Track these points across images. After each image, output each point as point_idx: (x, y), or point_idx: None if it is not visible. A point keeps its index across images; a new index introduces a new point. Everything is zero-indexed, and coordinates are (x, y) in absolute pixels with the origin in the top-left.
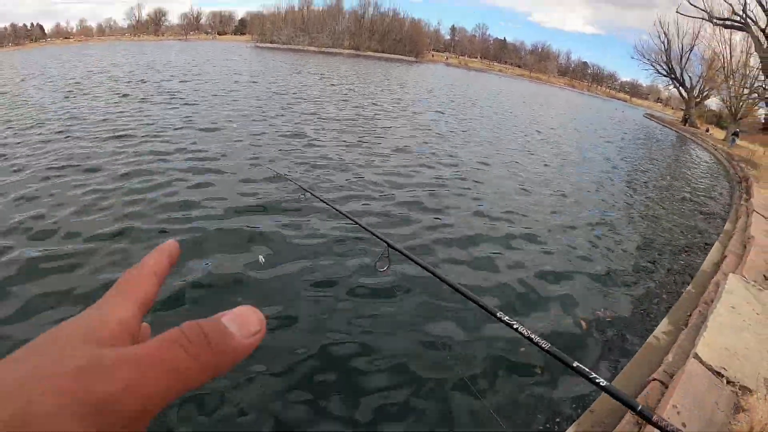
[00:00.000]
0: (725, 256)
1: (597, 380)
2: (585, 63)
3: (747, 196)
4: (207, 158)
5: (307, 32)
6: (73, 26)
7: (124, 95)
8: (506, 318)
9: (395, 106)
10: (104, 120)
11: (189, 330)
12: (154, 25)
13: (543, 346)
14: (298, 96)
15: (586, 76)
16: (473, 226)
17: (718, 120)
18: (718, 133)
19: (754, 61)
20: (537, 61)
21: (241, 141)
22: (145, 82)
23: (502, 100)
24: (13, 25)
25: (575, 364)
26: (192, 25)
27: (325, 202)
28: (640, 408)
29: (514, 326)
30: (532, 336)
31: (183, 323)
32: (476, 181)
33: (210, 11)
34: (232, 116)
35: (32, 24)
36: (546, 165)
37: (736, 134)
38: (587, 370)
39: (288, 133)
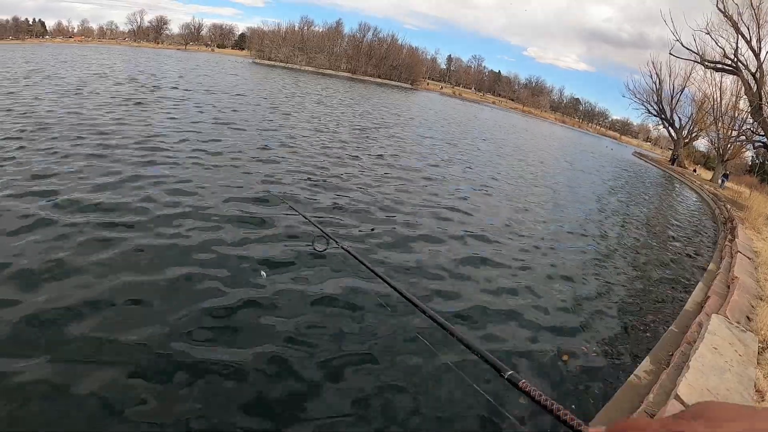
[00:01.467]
0: (708, 297)
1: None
2: (577, 99)
3: (731, 236)
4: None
5: (305, 52)
6: (75, 26)
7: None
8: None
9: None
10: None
11: None
12: (154, 33)
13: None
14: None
15: (578, 112)
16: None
17: (705, 160)
18: (706, 174)
19: (744, 104)
20: (530, 95)
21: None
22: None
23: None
24: (15, 19)
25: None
26: (192, 35)
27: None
28: (508, 374)
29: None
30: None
31: None
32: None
33: (211, 23)
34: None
35: (34, 20)
36: (533, 202)
37: (725, 176)
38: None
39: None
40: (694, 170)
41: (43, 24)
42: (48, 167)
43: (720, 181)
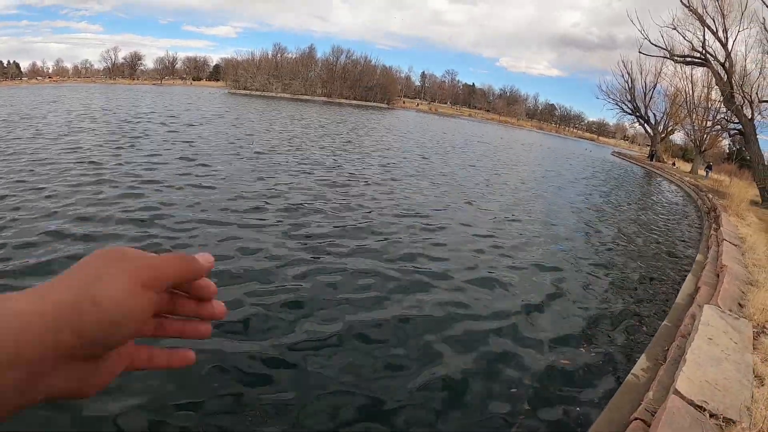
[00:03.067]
0: (699, 288)
1: None
2: (552, 105)
3: (716, 225)
4: None
5: (280, 79)
6: (50, 66)
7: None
8: None
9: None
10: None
11: (186, 256)
12: (129, 69)
13: None
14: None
15: (554, 118)
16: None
17: (683, 153)
18: (685, 166)
19: (716, 94)
20: (506, 105)
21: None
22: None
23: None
24: None
25: None
26: (167, 70)
27: None
28: None
29: None
30: None
31: (178, 254)
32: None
33: (185, 56)
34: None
35: (9, 62)
36: (519, 204)
37: (709, 167)
38: None
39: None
40: (673, 164)
41: (17, 66)
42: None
43: (705, 172)
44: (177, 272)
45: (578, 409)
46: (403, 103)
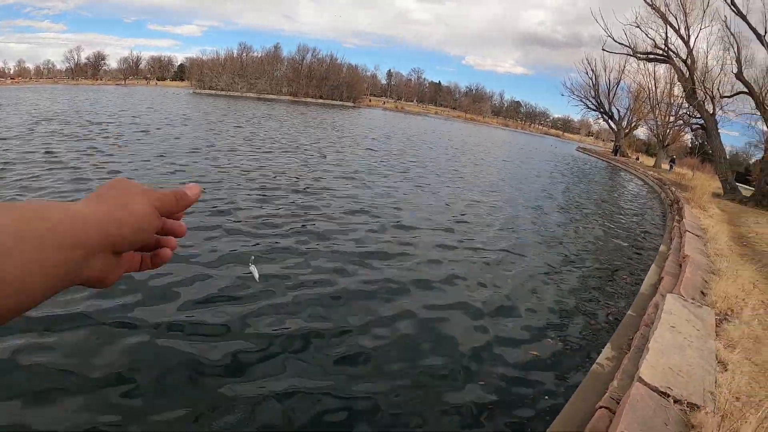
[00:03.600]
0: (662, 277)
1: None
2: (518, 102)
3: (679, 217)
4: None
5: (245, 79)
6: (11, 66)
7: None
8: None
9: None
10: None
11: (174, 192)
12: (92, 69)
13: None
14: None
15: (519, 115)
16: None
17: (647, 148)
18: (648, 161)
19: (678, 90)
20: (472, 103)
21: None
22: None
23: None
24: None
25: None
26: (131, 70)
27: None
28: None
29: None
30: None
31: (173, 190)
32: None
33: (150, 56)
34: None
35: None
36: (486, 196)
37: (673, 160)
38: None
39: None
40: (637, 158)
41: None
42: None
43: (669, 166)
44: (173, 205)
45: (546, 398)
46: (369, 101)
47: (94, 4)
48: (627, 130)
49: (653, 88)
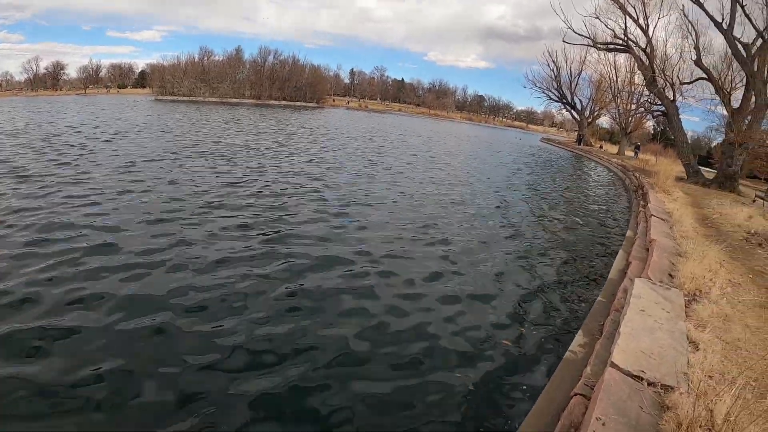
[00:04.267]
0: (630, 262)
1: None
2: (481, 96)
3: (644, 202)
4: None
5: (207, 83)
6: None
7: None
8: None
9: None
10: None
11: None
12: (52, 79)
13: None
14: None
15: (483, 109)
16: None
17: (610, 136)
18: (612, 148)
19: (639, 78)
20: (435, 98)
21: None
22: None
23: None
24: None
25: None
26: (91, 78)
27: None
28: None
29: None
30: None
31: None
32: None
33: (110, 63)
34: None
35: None
36: (454, 189)
37: (638, 147)
38: None
39: None
40: (600, 146)
41: None
42: None
43: (634, 153)
44: None
45: (523, 386)
46: (333, 101)
47: (51, 13)
48: (590, 120)
49: (614, 77)
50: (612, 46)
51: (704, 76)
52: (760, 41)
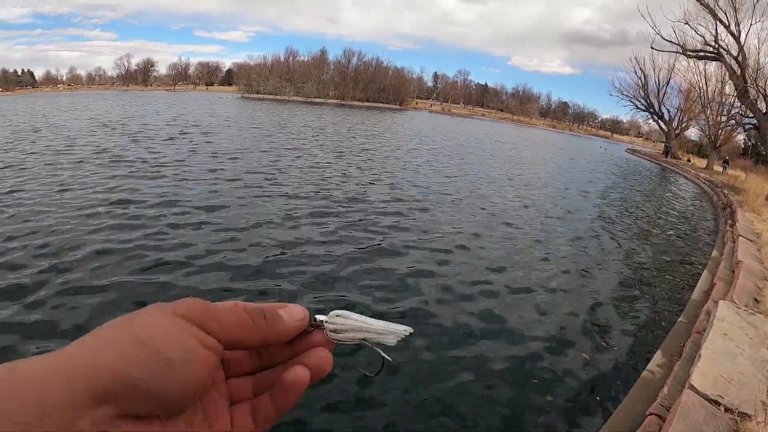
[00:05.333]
0: (714, 284)
1: None
2: (565, 103)
3: (732, 221)
4: None
5: (292, 83)
6: (63, 74)
7: None
8: None
9: None
10: None
11: (253, 309)
12: (142, 75)
13: None
14: None
15: (567, 116)
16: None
17: (698, 149)
18: (700, 162)
19: (730, 88)
20: (519, 104)
21: None
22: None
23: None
24: (4, 71)
25: None
26: (180, 75)
27: None
28: None
29: None
30: None
31: (251, 304)
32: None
33: (198, 62)
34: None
35: (23, 70)
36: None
37: (726, 162)
38: None
39: None
40: (688, 160)
41: (32, 74)
42: None
43: (722, 168)
44: (249, 329)
45: (598, 398)
46: (416, 104)
47: (141, 13)
48: (678, 131)
49: (704, 86)
50: (702, 54)
51: None
52: None
